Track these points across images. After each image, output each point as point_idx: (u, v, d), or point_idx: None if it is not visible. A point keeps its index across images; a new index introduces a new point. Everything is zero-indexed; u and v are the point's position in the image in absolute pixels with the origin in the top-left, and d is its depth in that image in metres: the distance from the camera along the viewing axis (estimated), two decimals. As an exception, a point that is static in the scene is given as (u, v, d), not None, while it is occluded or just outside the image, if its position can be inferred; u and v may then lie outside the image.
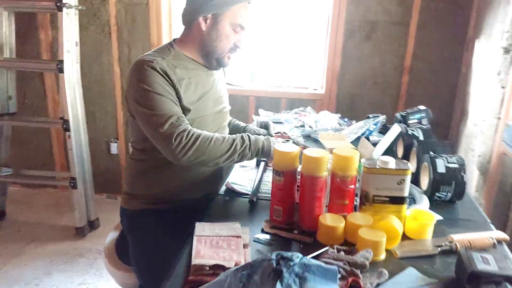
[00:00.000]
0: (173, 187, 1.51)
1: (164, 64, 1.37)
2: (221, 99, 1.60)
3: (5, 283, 2.09)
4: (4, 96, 2.49)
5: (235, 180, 1.44)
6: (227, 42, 1.46)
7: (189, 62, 1.48)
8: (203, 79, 1.50)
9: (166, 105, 1.34)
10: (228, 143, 1.35)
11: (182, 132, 1.30)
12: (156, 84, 1.34)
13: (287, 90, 2.61)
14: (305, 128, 1.95)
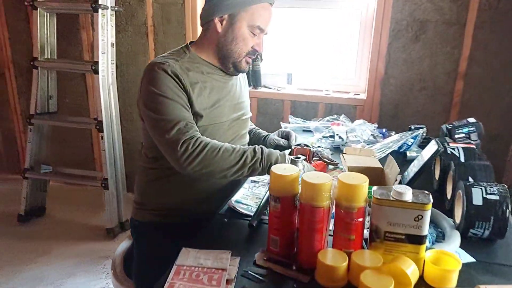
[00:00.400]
0: (185, 199, 1.43)
1: (176, 67, 1.29)
2: (239, 106, 1.49)
3: (30, 281, 2.13)
4: (44, 96, 2.55)
5: (241, 197, 1.32)
6: (244, 45, 1.35)
7: (205, 65, 1.38)
8: (219, 83, 1.40)
9: (175, 110, 1.26)
10: (237, 155, 1.24)
11: (189, 140, 1.21)
12: (166, 88, 1.26)
13: (326, 95, 2.44)
14: (335, 139, 1.78)
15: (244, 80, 1.62)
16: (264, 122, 2.56)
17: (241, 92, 1.53)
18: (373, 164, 1.40)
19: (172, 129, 1.22)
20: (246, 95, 1.59)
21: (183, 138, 1.21)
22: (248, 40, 1.35)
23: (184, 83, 1.29)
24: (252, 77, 2.54)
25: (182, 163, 1.21)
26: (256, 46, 1.38)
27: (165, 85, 1.27)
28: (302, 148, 1.53)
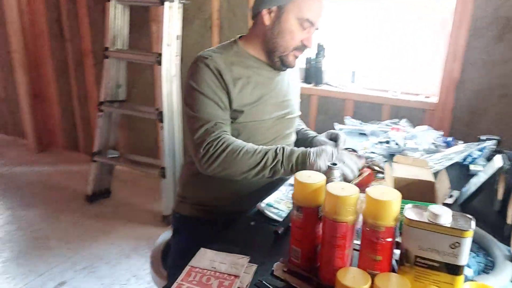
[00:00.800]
0: (222, 196, 1.42)
1: (220, 61, 1.28)
2: (285, 104, 1.43)
3: (91, 258, 2.26)
4: (114, 84, 2.68)
5: (274, 201, 1.26)
6: (291, 38, 1.29)
7: (251, 60, 1.35)
8: (264, 79, 1.36)
9: (207, 109, 1.25)
10: (258, 157, 1.20)
11: (212, 141, 1.21)
12: (204, 84, 1.26)
13: (392, 96, 2.27)
14: (390, 146, 1.64)
15: (294, 77, 1.55)
16: (324, 121, 2.46)
17: (289, 89, 1.47)
18: (424, 176, 1.26)
19: (199, 129, 1.23)
20: (295, 93, 1.53)
21: (208, 140, 1.21)
22: (296, 33, 1.29)
23: (226, 78, 1.27)
24: (314, 73, 2.45)
25: (203, 165, 1.22)
26: (305, 41, 1.31)
27: (204, 81, 1.26)
28: (350, 152, 1.43)
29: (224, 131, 1.25)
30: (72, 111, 3.45)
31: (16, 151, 3.64)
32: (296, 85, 1.57)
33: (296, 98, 1.53)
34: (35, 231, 2.48)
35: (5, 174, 3.22)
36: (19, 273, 2.11)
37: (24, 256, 2.25)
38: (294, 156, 1.20)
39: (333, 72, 2.48)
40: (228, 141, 1.22)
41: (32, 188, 3.00)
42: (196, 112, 1.25)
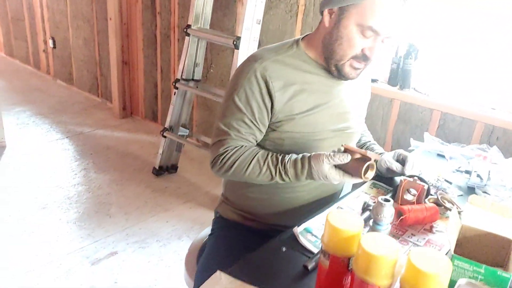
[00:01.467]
0: (266, 207, 1.32)
1: (271, 65, 1.16)
2: (345, 116, 1.27)
3: (144, 233, 2.31)
4: (192, 63, 2.66)
5: (315, 226, 1.12)
6: (348, 46, 1.12)
7: (310, 64, 1.21)
8: (323, 87, 1.22)
9: (232, 119, 1.18)
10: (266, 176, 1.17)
11: (219, 156, 1.19)
12: (242, 91, 1.17)
13: (489, 113, 1.95)
14: (471, 177, 1.40)
15: (363, 87, 1.37)
16: (403, 132, 2.22)
17: (353, 100, 1.29)
18: (501, 230, 1.03)
19: (216, 134, 1.21)
20: (361, 105, 1.35)
21: (216, 153, 1.20)
22: (355, 41, 1.11)
23: (273, 85, 1.15)
24: (400, 75, 2.20)
25: (215, 173, 1.24)
26: (367, 50, 1.12)
27: (242, 87, 1.16)
28: (414, 182, 1.24)
29: (236, 146, 1.19)
30: (155, 83, 3.53)
31: (103, 114, 3.85)
32: (364, 97, 1.39)
33: (359, 111, 1.35)
34: (101, 196, 2.59)
35: (88, 135, 3.42)
36: (78, 236, 2.22)
37: (86, 219, 2.36)
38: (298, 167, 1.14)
39: (423, 77, 2.21)
40: (236, 154, 1.17)
41: (108, 153, 3.15)
42: (221, 119, 1.20)
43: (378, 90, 2.25)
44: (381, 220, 0.97)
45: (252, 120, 1.17)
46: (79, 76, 4.29)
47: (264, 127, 1.21)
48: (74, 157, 3.04)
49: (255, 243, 1.21)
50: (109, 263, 2.06)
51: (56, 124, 3.56)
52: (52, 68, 4.61)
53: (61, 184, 2.69)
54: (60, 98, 4.14)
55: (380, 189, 1.35)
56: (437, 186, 1.37)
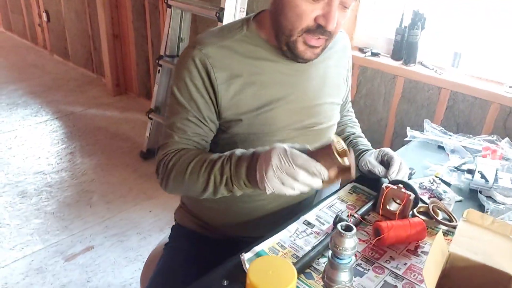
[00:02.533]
0: (224, 216, 1.14)
1: (213, 52, 0.93)
2: (311, 111, 1.04)
3: (122, 225, 2.17)
4: (175, 38, 2.43)
5: (270, 248, 0.92)
6: (295, 16, 0.87)
7: (264, 49, 0.97)
8: (279, 77, 0.98)
9: (175, 118, 0.97)
10: (204, 178, 0.89)
11: (160, 162, 0.97)
12: (182, 84, 0.96)
13: (505, 93, 1.67)
14: (474, 178, 1.16)
15: (338, 67, 1.12)
16: (408, 112, 1.96)
17: (323, 88, 1.06)
18: (500, 262, 0.81)
19: (162, 139, 1.00)
20: (334, 92, 1.10)
21: (158, 159, 0.98)
22: (302, 8, 0.85)
23: (216, 77, 0.93)
24: (405, 48, 1.92)
25: (162, 187, 1.00)
26: (321, 19, 0.86)
27: (182, 80, 0.95)
28: (398, 190, 1.01)
29: (178, 149, 0.96)
30: (146, 57, 3.32)
31: (97, 90, 3.68)
32: (342, 79, 1.14)
33: (337, 99, 1.11)
34: (84, 183, 2.45)
35: (79, 115, 3.27)
36: (55, 228, 2.10)
37: (66, 209, 2.23)
38: (242, 173, 0.85)
39: (431, 50, 1.92)
40: (174, 159, 0.94)
41: (98, 134, 2.99)
42: (167, 114, 1.00)
43: (380, 65, 1.99)
44: (341, 254, 0.76)
45: (199, 117, 0.96)
46: (74, 50, 4.10)
47: (215, 125, 1.00)
48: (61, 140, 2.89)
49: (212, 256, 1.04)
50: (84, 259, 1.92)
51: (47, 103, 3.41)
52: (49, 43, 4.44)
53: (44, 169, 2.55)
54: (56, 75, 3.98)
55: (361, 195, 1.13)
56: (431, 190, 1.15)
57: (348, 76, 1.18)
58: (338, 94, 1.11)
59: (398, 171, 1.06)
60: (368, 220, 1.03)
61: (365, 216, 1.04)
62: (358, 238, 0.97)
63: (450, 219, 1.04)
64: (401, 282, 0.86)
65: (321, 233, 0.98)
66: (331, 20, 0.85)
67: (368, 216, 1.05)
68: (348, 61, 1.16)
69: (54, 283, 1.80)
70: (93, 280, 1.82)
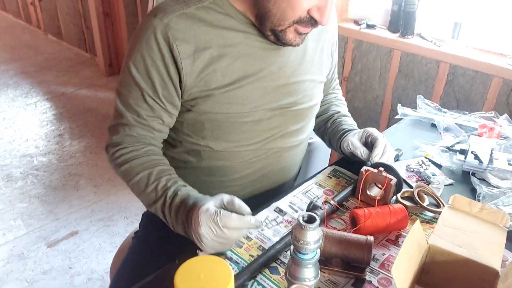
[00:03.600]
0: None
1: (176, 21, 0.83)
2: (288, 89, 0.94)
3: (108, 209, 2.10)
4: None
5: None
6: (289, 6, 0.78)
7: (236, 18, 0.87)
8: (253, 50, 0.88)
9: (129, 97, 0.87)
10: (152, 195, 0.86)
11: (113, 146, 0.89)
12: (139, 58, 0.86)
13: (508, 66, 1.54)
14: (467, 159, 1.05)
15: (322, 40, 1.01)
16: (405, 88, 1.84)
17: (302, 65, 0.95)
18: (485, 255, 0.71)
19: (114, 117, 0.92)
20: (317, 68, 1.00)
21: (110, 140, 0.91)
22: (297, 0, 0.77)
23: (179, 50, 0.83)
24: (403, 20, 1.78)
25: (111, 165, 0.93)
26: (315, 12, 0.79)
27: (140, 53, 0.84)
28: (379, 173, 0.91)
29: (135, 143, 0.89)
30: (139, 35, 3.20)
31: (90, 71, 3.58)
32: (326, 53, 1.03)
33: (319, 76, 1.01)
34: (72, 166, 2.38)
35: (70, 96, 3.18)
36: (39, 213, 2.04)
37: (51, 193, 2.17)
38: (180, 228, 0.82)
39: (430, 21, 1.78)
40: (129, 155, 0.87)
41: (89, 116, 2.91)
42: (118, 90, 0.90)
43: (375, 38, 1.86)
44: (303, 248, 0.67)
45: (154, 98, 0.87)
46: (67, 30, 3.99)
47: (174, 107, 0.90)
48: (50, 122, 2.82)
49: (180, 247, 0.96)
50: (67, 245, 1.87)
51: (38, 84, 3.33)
52: (42, 22, 4.33)
53: (31, 152, 2.49)
54: (49, 55, 3.89)
55: (341, 179, 1.03)
56: (419, 172, 1.05)
57: (333, 49, 1.07)
58: (320, 71, 1.01)
59: (382, 154, 0.96)
60: (347, 207, 0.94)
61: (344, 203, 0.95)
62: (334, 227, 0.88)
63: (438, 204, 0.95)
64: (376, 277, 0.77)
65: (292, 222, 0.89)
66: (326, 15, 0.79)
67: (347, 202, 0.96)
68: (333, 34, 1.05)
69: (35, 270, 1.74)
70: (75, 267, 1.77)
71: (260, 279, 0.76)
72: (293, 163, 1.07)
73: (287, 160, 1.03)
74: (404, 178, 1.02)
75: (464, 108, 1.69)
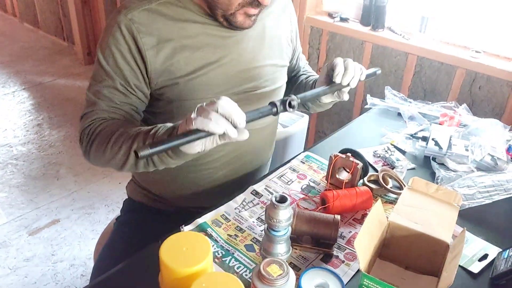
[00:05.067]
0: (173, 188, 1.11)
1: (139, 15, 0.89)
2: (249, 74, 1.00)
3: (89, 197, 2.14)
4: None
5: (212, 220, 0.90)
6: None
7: (194, 11, 0.93)
8: (211, 40, 0.94)
9: (102, 87, 0.91)
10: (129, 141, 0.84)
11: (85, 130, 0.91)
12: (108, 51, 0.91)
13: (471, 57, 1.64)
14: (428, 145, 1.14)
15: (279, 25, 1.07)
16: (377, 78, 1.90)
17: (263, 51, 1.01)
18: (437, 230, 0.80)
19: (85, 107, 0.94)
20: (276, 53, 1.05)
21: (82, 127, 0.92)
22: None
23: (143, 42, 0.89)
24: (374, 13, 1.87)
25: (84, 156, 0.94)
26: None
27: (108, 46, 0.90)
28: (346, 159, 0.99)
29: (106, 118, 0.91)
30: (117, 25, 3.20)
31: (68, 60, 3.56)
32: (284, 36, 1.09)
33: (279, 61, 1.06)
34: (52, 155, 2.40)
35: (48, 85, 3.17)
36: (19, 202, 2.06)
37: (31, 182, 2.19)
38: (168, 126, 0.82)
39: (399, 15, 1.87)
40: (100, 127, 0.89)
41: (67, 105, 2.91)
42: (90, 82, 0.94)
43: (348, 30, 1.94)
44: (276, 226, 0.74)
45: (126, 86, 0.92)
46: (43, 18, 3.94)
47: (144, 95, 0.95)
48: (29, 111, 2.81)
49: (160, 229, 1.02)
50: (49, 233, 1.90)
51: (15, 73, 3.30)
52: (17, 10, 4.25)
53: (10, 142, 2.49)
54: (25, 44, 3.83)
55: (312, 164, 1.11)
56: (385, 158, 1.13)
57: (293, 37, 1.13)
58: (281, 56, 1.07)
59: (345, 73, 0.93)
60: (318, 190, 1.02)
61: (315, 186, 1.02)
62: (305, 207, 0.96)
63: (401, 187, 1.03)
64: (343, 252, 0.85)
65: (267, 203, 0.96)
66: None
67: (318, 185, 1.03)
68: (290, 21, 1.11)
69: (18, 257, 1.77)
70: (57, 254, 1.80)
71: (237, 256, 0.83)
72: (262, 144, 1.12)
73: (256, 142, 1.08)
74: (370, 163, 1.11)
75: (431, 97, 1.79)
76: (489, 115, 1.64)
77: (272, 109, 0.80)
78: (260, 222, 0.91)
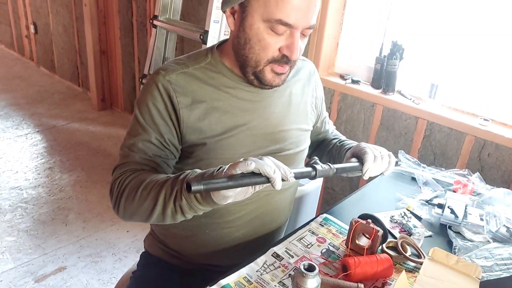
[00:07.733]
0: (190, 245, 1.13)
1: (176, 78, 0.96)
2: (275, 137, 1.05)
3: (97, 245, 2.13)
4: (160, 57, 2.44)
5: (235, 282, 0.91)
6: (261, 49, 0.91)
7: (227, 76, 1.00)
8: (242, 103, 1.00)
9: (138, 141, 0.96)
10: (157, 188, 0.87)
11: (115, 181, 0.93)
12: (144, 107, 0.97)
13: (480, 125, 1.71)
14: (444, 213, 1.17)
15: (305, 92, 1.13)
16: (387, 139, 1.98)
17: (288, 114, 1.07)
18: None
19: (120, 157, 0.99)
20: (302, 118, 1.11)
21: (113, 179, 0.96)
22: (267, 41, 0.90)
23: (178, 101, 0.95)
24: (385, 77, 1.95)
25: (114, 211, 0.96)
26: (285, 50, 0.91)
27: (144, 103, 0.96)
28: (367, 225, 1.02)
29: (137, 169, 0.95)
30: (133, 74, 3.32)
31: (82, 105, 3.66)
32: (310, 103, 1.15)
33: (303, 125, 1.12)
34: (61, 200, 2.42)
35: (62, 129, 3.24)
36: (27, 247, 2.05)
37: (40, 227, 2.19)
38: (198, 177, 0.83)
39: (409, 81, 1.95)
40: (130, 178, 0.92)
41: (80, 149, 2.96)
42: (126, 137, 0.99)
43: (359, 92, 2.01)
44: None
45: (160, 140, 0.97)
46: (60, 64, 4.09)
47: (176, 149, 1.00)
48: (41, 154, 2.86)
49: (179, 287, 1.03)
50: (55, 280, 1.88)
51: (30, 116, 3.38)
52: (35, 55, 4.42)
53: (21, 185, 2.51)
54: (41, 87, 3.95)
55: (332, 227, 1.13)
56: (402, 224, 1.15)
57: (317, 103, 1.19)
58: (306, 121, 1.13)
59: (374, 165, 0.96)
60: (338, 255, 1.03)
61: (335, 251, 1.04)
62: (326, 273, 0.97)
63: (419, 255, 1.05)
64: (364, 321, 0.85)
65: (289, 267, 0.98)
66: (295, 51, 0.90)
67: (338, 250, 1.05)
68: (315, 88, 1.17)
69: (22, 305, 1.75)
70: (63, 303, 1.78)
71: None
72: (283, 205, 1.15)
73: (277, 202, 1.11)
74: (388, 229, 1.13)
75: (440, 161, 1.84)
76: (498, 182, 1.67)
77: (312, 172, 0.83)
78: (282, 286, 0.93)
